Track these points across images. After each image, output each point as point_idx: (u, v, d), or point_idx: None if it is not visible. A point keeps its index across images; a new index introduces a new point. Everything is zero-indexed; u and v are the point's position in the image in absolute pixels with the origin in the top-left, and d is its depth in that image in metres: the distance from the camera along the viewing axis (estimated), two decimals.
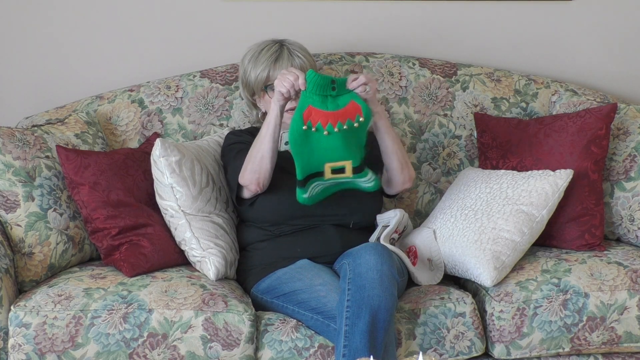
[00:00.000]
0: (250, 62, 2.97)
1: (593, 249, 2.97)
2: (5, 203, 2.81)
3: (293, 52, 2.95)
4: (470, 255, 2.82)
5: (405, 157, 2.91)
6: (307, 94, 2.71)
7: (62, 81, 3.36)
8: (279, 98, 2.77)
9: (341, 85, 2.73)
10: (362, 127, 2.73)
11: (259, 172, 2.82)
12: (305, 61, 2.95)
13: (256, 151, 2.81)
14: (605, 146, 3.04)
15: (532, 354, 2.77)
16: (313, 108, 2.71)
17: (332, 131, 2.70)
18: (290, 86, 2.73)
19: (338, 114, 2.71)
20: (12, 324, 2.61)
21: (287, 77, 2.73)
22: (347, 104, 2.72)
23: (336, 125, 2.70)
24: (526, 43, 3.50)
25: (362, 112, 2.71)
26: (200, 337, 2.62)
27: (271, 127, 2.79)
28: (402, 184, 2.93)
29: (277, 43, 2.98)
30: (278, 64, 2.93)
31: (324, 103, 2.71)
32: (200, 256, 2.83)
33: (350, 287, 2.56)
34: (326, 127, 2.70)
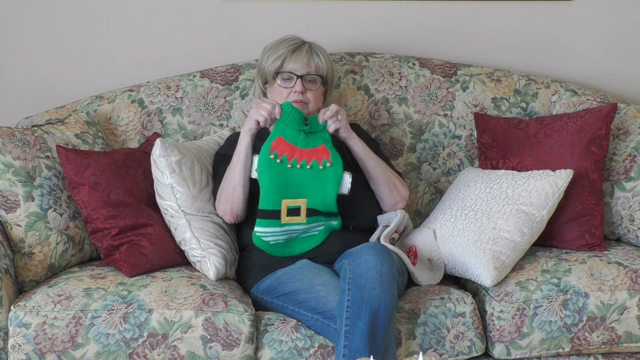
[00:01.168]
0: (270, 50, 2.97)
1: (593, 249, 2.97)
2: (5, 203, 2.81)
3: (314, 49, 2.96)
4: (470, 255, 2.82)
5: (392, 179, 2.92)
6: (280, 124, 2.78)
7: (62, 81, 3.36)
8: (252, 127, 2.79)
9: (314, 121, 2.79)
10: (328, 173, 2.75)
11: (232, 201, 2.84)
12: (323, 62, 2.95)
13: (228, 181, 2.84)
14: (605, 146, 3.04)
15: (532, 354, 2.77)
16: (282, 140, 2.76)
17: (295, 166, 2.75)
18: (268, 114, 2.76)
19: (305, 152, 2.76)
20: (12, 324, 2.61)
21: (263, 105, 2.77)
22: (317, 146, 2.77)
23: (300, 162, 2.75)
24: (526, 43, 3.50)
25: (330, 158, 2.76)
26: (200, 337, 2.62)
27: (242, 157, 2.81)
28: (393, 205, 2.94)
29: (300, 39, 2.99)
30: (295, 54, 2.92)
31: (295, 137, 2.77)
32: (200, 256, 2.83)
33: (350, 287, 2.56)
34: (291, 160, 2.75)
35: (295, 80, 2.91)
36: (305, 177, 2.76)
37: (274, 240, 2.79)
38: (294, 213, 2.77)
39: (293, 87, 2.91)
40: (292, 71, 2.92)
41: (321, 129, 2.80)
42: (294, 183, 2.76)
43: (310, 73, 2.93)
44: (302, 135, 2.77)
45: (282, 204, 2.75)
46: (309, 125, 2.78)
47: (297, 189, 2.76)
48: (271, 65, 2.94)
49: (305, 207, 2.76)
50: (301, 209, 2.76)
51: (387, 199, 2.93)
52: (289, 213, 2.76)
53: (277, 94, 2.94)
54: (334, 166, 2.76)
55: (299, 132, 2.77)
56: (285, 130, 2.77)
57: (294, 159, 2.75)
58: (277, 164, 2.75)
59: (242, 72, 3.25)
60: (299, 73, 2.91)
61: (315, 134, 2.79)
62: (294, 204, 2.76)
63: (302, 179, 2.76)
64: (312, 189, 2.77)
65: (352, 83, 3.28)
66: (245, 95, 3.23)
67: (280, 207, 2.75)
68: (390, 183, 2.91)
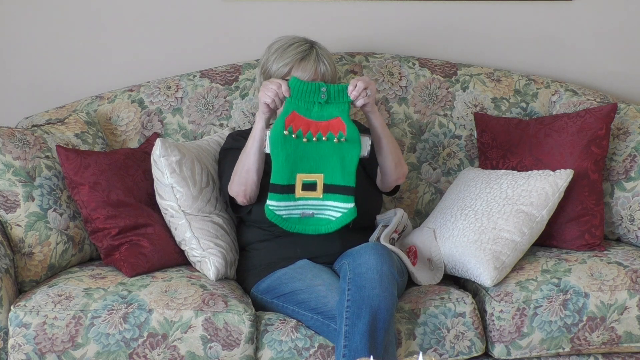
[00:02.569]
0: (277, 52, 2.95)
1: (593, 249, 2.97)
2: (5, 203, 2.81)
3: (321, 57, 2.93)
4: (470, 255, 2.82)
5: (399, 155, 2.91)
6: (291, 100, 2.73)
7: (62, 81, 3.36)
8: (264, 110, 2.77)
9: (335, 92, 2.73)
10: (345, 146, 2.72)
11: (245, 184, 2.82)
12: (329, 70, 2.94)
13: (242, 164, 2.82)
14: (605, 146, 3.04)
15: (532, 354, 2.77)
16: (297, 114, 2.73)
17: (311, 139, 2.72)
18: (274, 95, 2.74)
19: (320, 125, 2.73)
20: (12, 324, 2.61)
21: (269, 86, 2.74)
22: (332, 118, 2.73)
23: (316, 135, 2.72)
24: (526, 43, 3.50)
25: (345, 131, 2.72)
26: (200, 337, 2.62)
27: (256, 141, 2.79)
28: (395, 181, 2.93)
29: (308, 43, 2.96)
30: (303, 63, 2.91)
31: (309, 110, 2.73)
32: (200, 256, 2.83)
33: (350, 287, 2.56)
34: (306, 134, 2.72)
35: None
36: (321, 150, 2.72)
37: (287, 214, 2.75)
38: (310, 188, 2.73)
39: None
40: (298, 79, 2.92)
41: (343, 101, 2.74)
42: (310, 157, 2.72)
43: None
44: (316, 107, 2.73)
45: (297, 178, 2.72)
46: (325, 97, 2.73)
47: (313, 163, 2.73)
48: (278, 70, 2.92)
49: (322, 182, 2.73)
50: (317, 184, 2.73)
51: (392, 173, 2.90)
52: (305, 187, 2.73)
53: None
54: (349, 140, 2.72)
55: (313, 104, 2.73)
56: (297, 104, 2.73)
57: (309, 132, 2.71)
58: (292, 139, 2.71)
59: (242, 72, 3.25)
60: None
61: (332, 104, 2.74)
62: (310, 178, 2.73)
63: (318, 152, 2.72)
64: (329, 162, 2.73)
65: None
66: (245, 95, 3.23)
67: (295, 181, 2.73)
68: (397, 159, 2.90)
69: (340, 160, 2.73)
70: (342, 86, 2.75)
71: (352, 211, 2.74)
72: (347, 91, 2.74)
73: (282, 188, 2.72)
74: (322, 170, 2.73)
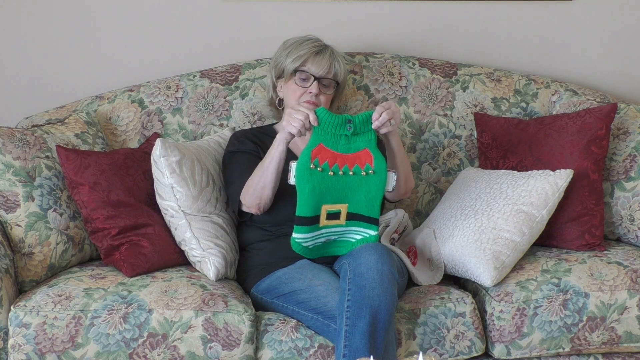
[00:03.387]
0: (292, 46, 2.97)
1: (593, 249, 2.97)
2: (5, 203, 2.81)
3: (336, 55, 2.97)
4: (470, 255, 2.82)
5: (409, 173, 2.92)
6: (319, 130, 2.69)
7: (62, 81, 3.36)
8: (287, 137, 2.75)
9: (361, 123, 2.69)
10: (372, 179, 2.69)
11: (260, 198, 2.83)
12: (342, 69, 2.97)
13: (258, 179, 2.82)
14: (605, 146, 3.04)
15: (532, 354, 2.77)
16: (323, 147, 2.69)
17: (337, 173, 2.69)
18: (301, 126, 2.70)
19: (347, 158, 2.69)
20: (12, 324, 2.61)
21: (296, 117, 2.70)
22: (360, 150, 2.70)
23: (342, 168, 2.69)
24: (526, 43, 3.50)
25: (373, 163, 2.69)
26: (200, 337, 2.62)
27: (275, 162, 2.78)
28: (401, 195, 2.95)
29: (323, 42, 3.00)
30: (318, 57, 2.93)
31: (336, 143, 2.69)
32: (200, 256, 2.83)
33: (351, 287, 2.56)
34: (332, 167, 2.69)
35: (312, 81, 2.91)
36: (348, 184, 2.70)
37: (313, 245, 2.76)
38: (334, 217, 2.72)
39: (309, 87, 2.91)
40: (311, 72, 2.92)
41: (368, 130, 2.70)
42: (336, 189, 2.70)
43: (328, 77, 2.93)
44: (343, 140, 2.69)
45: (322, 209, 2.71)
46: (351, 129, 2.69)
47: (339, 195, 2.71)
48: (291, 63, 2.93)
49: (345, 211, 2.72)
50: (341, 213, 2.72)
51: (400, 188, 2.89)
52: (329, 217, 2.72)
53: (291, 91, 2.94)
54: (377, 173, 2.69)
55: (340, 137, 2.69)
56: (325, 136, 2.69)
57: (335, 165, 2.68)
58: (318, 173, 2.68)
59: (242, 72, 3.25)
60: (317, 75, 2.92)
61: (359, 135, 2.70)
62: (334, 208, 2.72)
63: (344, 185, 2.70)
64: (355, 194, 2.72)
65: (352, 83, 3.28)
66: (245, 95, 3.23)
67: (320, 212, 2.71)
68: (407, 176, 2.90)
69: (365, 193, 2.72)
70: (367, 114, 2.70)
71: (374, 238, 2.75)
72: (372, 119, 2.69)
73: (307, 220, 2.71)
74: (346, 201, 2.72)
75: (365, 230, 2.76)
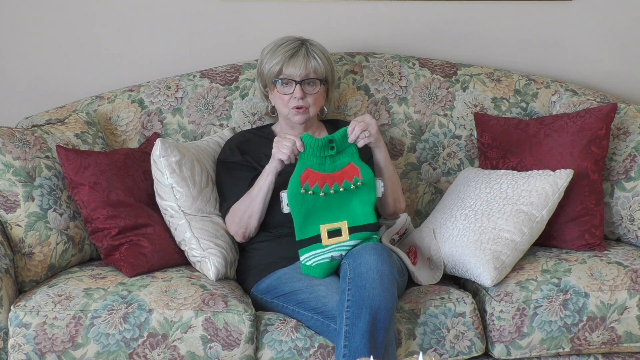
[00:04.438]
0: (269, 54, 2.97)
1: (593, 249, 2.97)
2: (5, 203, 2.81)
3: (311, 52, 2.94)
4: (470, 255, 2.82)
5: (398, 192, 2.94)
6: (304, 156, 2.75)
7: (62, 81, 3.36)
8: (278, 165, 2.78)
9: (340, 140, 2.75)
10: (362, 189, 2.74)
11: (246, 228, 2.86)
12: (321, 65, 2.94)
13: (245, 208, 2.84)
14: (605, 146, 3.04)
15: (532, 354, 2.77)
16: (311, 171, 2.74)
17: (328, 192, 2.73)
18: (290, 152, 2.74)
19: (335, 176, 2.74)
20: (12, 324, 2.61)
21: (283, 143, 2.74)
22: (345, 166, 2.75)
23: (332, 187, 2.73)
24: (526, 43, 3.50)
25: (360, 174, 2.74)
26: (200, 337, 2.62)
27: (263, 192, 2.82)
28: (390, 215, 2.97)
29: (298, 41, 2.97)
30: (293, 60, 2.92)
31: (322, 165, 2.75)
32: (200, 256, 2.83)
33: (351, 287, 2.56)
34: (323, 188, 2.73)
35: (294, 86, 2.91)
36: (340, 200, 2.74)
37: (316, 262, 2.74)
38: (336, 234, 2.74)
39: (292, 93, 2.91)
40: (290, 77, 2.91)
41: (348, 145, 2.76)
42: (330, 208, 2.74)
43: (308, 77, 2.92)
44: (328, 161, 2.75)
45: (320, 228, 2.73)
46: (334, 148, 2.74)
47: (335, 213, 2.74)
48: (269, 71, 2.94)
49: (346, 227, 2.74)
50: (342, 230, 2.74)
51: (389, 208, 2.95)
52: (330, 235, 2.74)
53: (278, 99, 2.94)
54: (365, 183, 2.73)
55: (325, 159, 2.74)
56: (311, 160, 2.74)
57: (325, 185, 2.72)
58: (310, 196, 2.72)
59: (242, 72, 3.25)
60: (297, 79, 2.91)
61: (342, 152, 2.76)
62: (334, 227, 2.74)
63: (337, 203, 2.74)
64: (350, 208, 2.75)
65: (352, 83, 3.28)
66: (245, 95, 3.23)
67: (320, 231, 2.73)
68: (396, 196, 2.94)
69: (358, 202, 2.75)
70: (344, 130, 2.76)
71: (376, 240, 2.77)
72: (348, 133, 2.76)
73: (307, 241, 2.75)
74: (344, 218, 2.74)
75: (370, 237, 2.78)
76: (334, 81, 3.05)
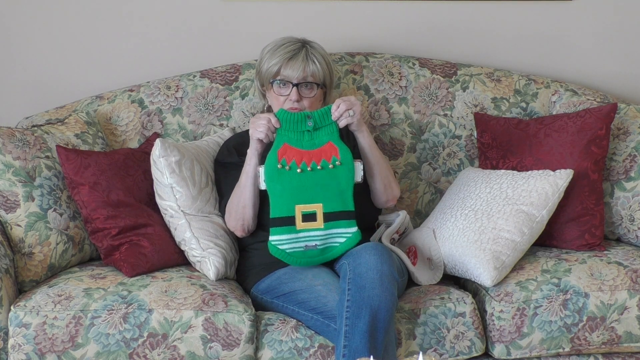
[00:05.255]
0: (268, 53, 2.96)
1: (593, 249, 2.97)
2: (5, 203, 2.81)
3: (310, 55, 2.93)
4: (470, 255, 2.82)
5: (389, 177, 2.91)
6: (282, 131, 2.75)
7: (62, 81, 3.36)
8: (257, 146, 2.79)
9: (320, 117, 2.75)
10: (340, 171, 2.72)
11: (243, 219, 2.85)
12: (319, 68, 2.93)
13: (237, 199, 2.84)
14: (605, 146, 3.04)
15: (532, 354, 2.77)
16: (288, 146, 2.74)
17: (306, 170, 2.72)
18: (266, 129, 2.75)
19: (313, 153, 2.73)
20: (12, 324, 2.61)
21: (259, 122, 2.76)
22: (324, 144, 2.74)
23: (310, 165, 2.72)
24: (526, 43, 3.50)
25: (339, 154, 2.73)
26: (200, 337, 2.62)
27: (250, 177, 2.81)
28: (384, 203, 2.95)
29: (299, 43, 2.96)
30: (291, 62, 2.91)
31: (300, 141, 2.74)
32: (200, 256, 2.83)
33: (351, 287, 2.56)
34: (300, 165, 2.72)
35: (290, 88, 2.90)
36: (318, 179, 2.72)
37: (290, 248, 2.73)
38: (310, 218, 2.72)
39: (288, 95, 2.90)
40: (287, 79, 2.91)
41: (328, 123, 2.76)
42: (307, 187, 2.72)
43: (306, 80, 2.91)
44: (306, 136, 2.74)
45: (295, 209, 2.71)
46: (312, 124, 2.75)
47: (311, 193, 2.72)
48: (267, 71, 2.93)
49: (321, 212, 2.72)
50: (317, 214, 2.72)
51: (381, 195, 2.92)
52: (305, 219, 2.72)
53: (274, 99, 2.94)
54: (344, 163, 2.73)
55: (302, 134, 2.75)
56: (288, 135, 2.74)
57: (303, 162, 2.72)
58: (286, 172, 2.71)
59: (242, 72, 3.25)
60: (294, 81, 2.90)
61: (321, 129, 2.75)
62: (309, 209, 2.72)
63: (314, 182, 2.72)
64: (327, 190, 2.72)
65: (352, 83, 3.28)
66: (245, 95, 3.23)
67: (294, 212, 2.71)
68: (387, 182, 2.91)
69: (337, 186, 2.73)
70: (326, 109, 2.76)
71: (356, 235, 2.74)
72: (330, 112, 2.76)
73: (281, 221, 2.72)
74: (320, 200, 2.72)
75: (346, 231, 2.74)
76: (332, 85, 3.05)
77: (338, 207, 2.73)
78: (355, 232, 2.74)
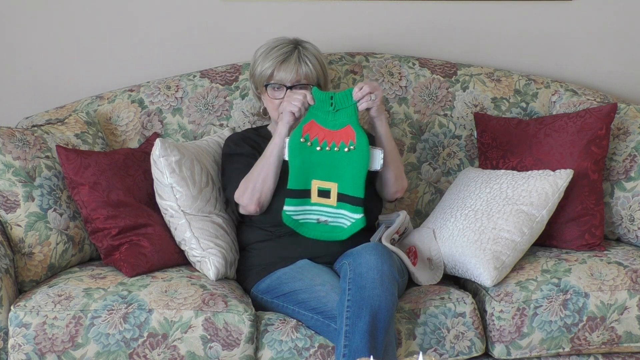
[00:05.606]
0: (261, 56, 2.96)
1: (593, 249, 2.97)
2: (5, 203, 2.81)
3: (303, 57, 2.93)
4: (470, 255, 2.82)
5: (400, 169, 2.92)
6: (312, 109, 2.80)
7: (62, 81, 3.36)
8: (289, 119, 2.80)
9: (341, 98, 2.78)
10: (354, 156, 2.76)
11: (261, 191, 2.84)
12: (312, 70, 2.93)
13: (259, 170, 2.83)
14: (605, 146, 3.04)
15: (532, 354, 2.77)
16: (315, 123, 2.79)
17: (324, 148, 2.77)
18: (301, 104, 2.78)
19: (335, 134, 2.78)
20: (12, 324, 2.61)
21: (295, 97, 2.78)
22: (344, 127, 2.78)
23: (330, 145, 2.77)
24: (526, 43, 3.50)
25: (355, 139, 2.76)
26: (200, 337, 2.62)
27: (277, 148, 2.82)
28: (393, 194, 2.94)
29: (291, 44, 2.96)
30: (284, 65, 2.91)
31: (325, 120, 2.79)
32: (200, 256, 2.83)
33: (351, 287, 2.56)
34: (321, 143, 2.77)
35: (284, 91, 2.90)
36: (335, 160, 2.78)
37: (303, 219, 2.81)
38: (325, 195, 2.79)
39: (282, 98, 2.90)
40: (281, 82, 2.91)
41: (349, 105, 2.79)
42: (325, 165, 2.78)
43: (300, 82, 2.92)
44: (330, 116, 2.79)
45: (312, 183, 2.79)
46: (333, 104, 2.78)
47: (328, 171, 2.78)
48: (260, 75, 2.94)
49: (335, 190, 2.79)
50: (331, 192, 2.79)
51: (391, 186, 2.91)
52: (320, 194, 2.79)
53: (269, 102, 2.94)
54: (358, 148, 2.76)
55: (328, 114, 2.79)
56: (316, 113, 2.79)
57: (324, 141, 2.78)
58: (307, 147, 2.77)
59: (242, 72, 3.25)
60: (288, 84, 2.90)
61: (343, 111, 2.79)
62: (325, 186, 2.79)
63: (332, 162, 2.78)
64: (341, 172, 2.78)
65: (352, 83, 3.28)
66: (245, 95, 3.23)
67: (311, 186, 2.79)
68: (398, 172, 2.92)
69: (350, 170, 2.78)
70: (347, 91, 2.79)
71: (359, 221, 2.80)
72: (352, 94, 2.78)
73: (297, 193, 2.79)
74: (335, 179, 2.79)
75: (352, 216, 2.79)
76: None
77: (349, 191, 2.78)
78: (359, 219, 2.79)
